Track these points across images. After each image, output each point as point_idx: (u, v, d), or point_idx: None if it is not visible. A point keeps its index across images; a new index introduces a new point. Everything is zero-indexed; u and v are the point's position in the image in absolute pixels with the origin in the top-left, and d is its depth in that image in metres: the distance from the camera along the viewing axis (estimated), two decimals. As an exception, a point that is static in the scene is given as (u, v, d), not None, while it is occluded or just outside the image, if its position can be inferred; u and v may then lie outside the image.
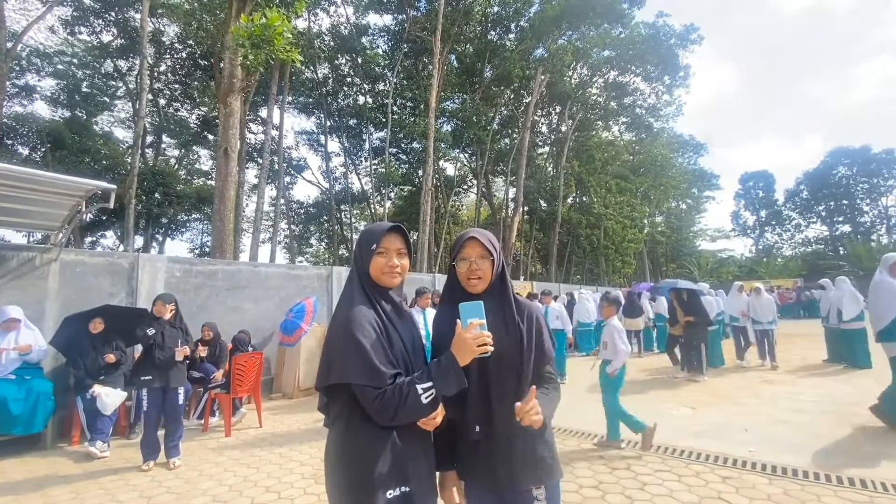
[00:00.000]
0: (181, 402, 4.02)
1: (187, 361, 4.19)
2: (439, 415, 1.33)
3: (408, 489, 1.26)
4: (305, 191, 71.17)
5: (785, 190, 52.03)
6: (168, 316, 4.06)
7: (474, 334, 1.26)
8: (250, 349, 5.75)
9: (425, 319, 5.02)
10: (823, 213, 48.30)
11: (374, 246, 1.37)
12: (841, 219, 47.20)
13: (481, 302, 1.32)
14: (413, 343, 1.41)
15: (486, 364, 1.38)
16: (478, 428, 1.39)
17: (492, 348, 1.28)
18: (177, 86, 22.25)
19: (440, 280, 10.92)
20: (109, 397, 4.34)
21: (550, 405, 1.42)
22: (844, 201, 46.43)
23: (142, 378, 3.92)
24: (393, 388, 1.21)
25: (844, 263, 36.25)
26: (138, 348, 4.91)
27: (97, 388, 4.36)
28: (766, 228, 52.86)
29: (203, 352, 5.06)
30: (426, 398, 1.21)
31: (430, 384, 1.23)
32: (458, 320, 1.31)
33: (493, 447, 1.39)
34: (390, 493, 1.23)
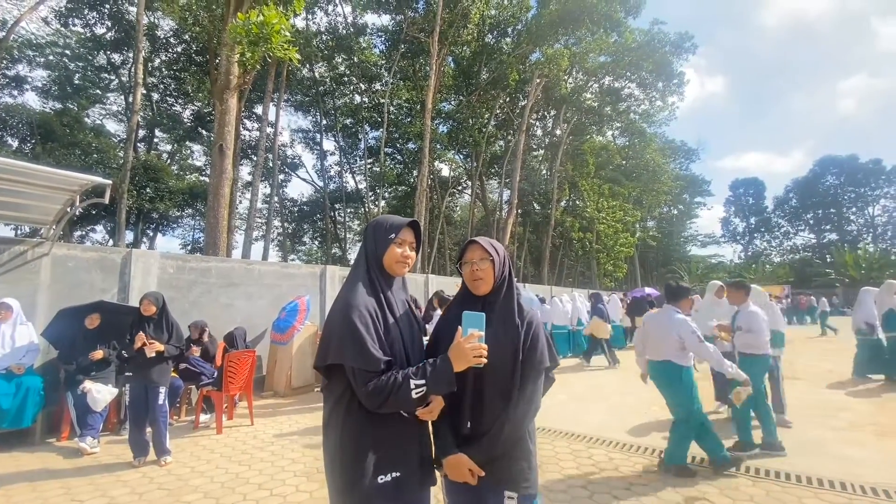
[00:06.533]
0: (161, 401, 3.91)
1: (170, 360, 4.10)
2: (438, 407, 1.38)
3: (398, 474, 1.30)
4: (299, 189, 71.01)
5: (774, 197, 52.87)
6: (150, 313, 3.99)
7: (473, 345, 1.32)
8: (243, 346, 5.75)
9: None
10: (811, 221, 49.09)
11: (393, 235, 1.42)
12: (828, 227, 48.01)
13: (484, 314, 1.39)
14: (412, 335, 1.45)
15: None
16: (469, 423, 1.43)
17: (486, 360, 1.33)
18: (171, 81, 22.07)
19: (433, 280, 10.96)
20: (100, 393, 4.32)
21: (528, 416, 1.42)
22: (832, 210, 47.23)
23: (125, 374, 3.97)
24: (388, 377, 1.25)
25: (831, 271, 36.87)
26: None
27: (88, 384, 4.34)
28: (756, 235, 53.66)
29: (196, 352, 5.16)
30: (416, 394, 1.26)
31: (423, 382, 1.27)
32: (459, 327, 1.36)
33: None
34: (381, 479, 1.27)
